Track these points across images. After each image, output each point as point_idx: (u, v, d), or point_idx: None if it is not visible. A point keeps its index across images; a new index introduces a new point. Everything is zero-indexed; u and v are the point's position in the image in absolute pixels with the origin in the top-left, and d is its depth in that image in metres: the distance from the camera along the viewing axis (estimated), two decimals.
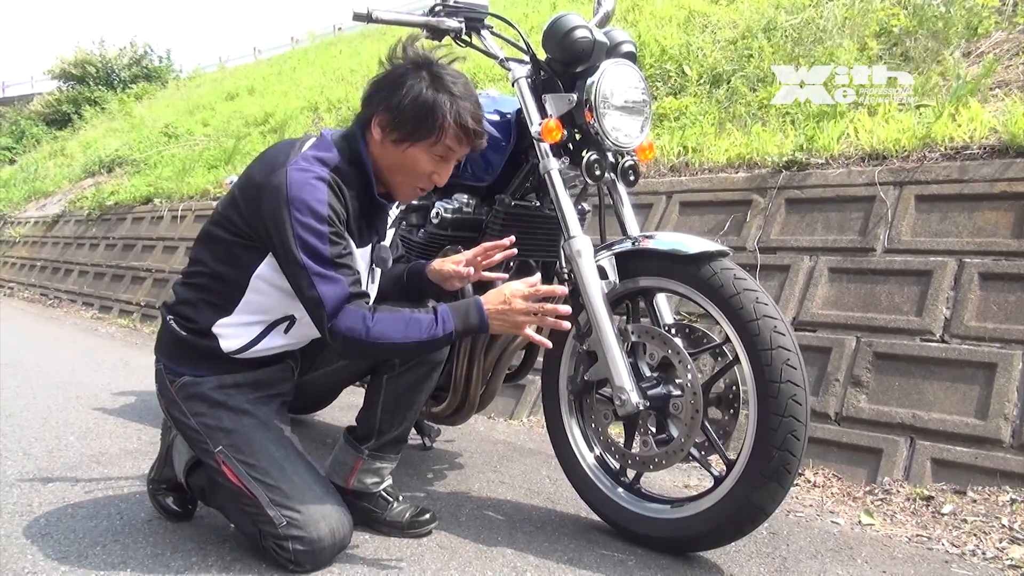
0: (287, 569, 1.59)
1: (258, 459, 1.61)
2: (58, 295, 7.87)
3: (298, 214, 1.49)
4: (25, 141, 16.93)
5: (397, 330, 1.53)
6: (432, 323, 1.54)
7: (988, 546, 1.87)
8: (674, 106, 4.14)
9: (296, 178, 1.52)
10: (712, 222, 3.22)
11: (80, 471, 2.25)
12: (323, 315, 1.52)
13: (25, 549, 1.67)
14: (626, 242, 1.81)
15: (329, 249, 1.51)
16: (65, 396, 3.30)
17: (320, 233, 1.50)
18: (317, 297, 1.51)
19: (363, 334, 1.51)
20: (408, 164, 1.62)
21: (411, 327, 1.53)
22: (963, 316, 2.39)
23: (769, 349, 1.54)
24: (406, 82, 1.57)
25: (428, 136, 1.58)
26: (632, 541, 1.80)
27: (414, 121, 1.57)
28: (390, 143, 1.60)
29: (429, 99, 1.56)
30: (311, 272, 1.50)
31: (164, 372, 1.70)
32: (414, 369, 1.80)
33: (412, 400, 1.83)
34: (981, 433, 2.19)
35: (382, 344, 1.53)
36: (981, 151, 2.71)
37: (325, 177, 1.54)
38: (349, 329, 1.51)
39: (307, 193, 1.51)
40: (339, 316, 1.51)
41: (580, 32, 1.80)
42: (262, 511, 1.57)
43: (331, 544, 1.60)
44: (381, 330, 1.52)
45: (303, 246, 1.50)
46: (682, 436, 1.68)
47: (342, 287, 1.52)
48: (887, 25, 3.84)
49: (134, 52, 17.58)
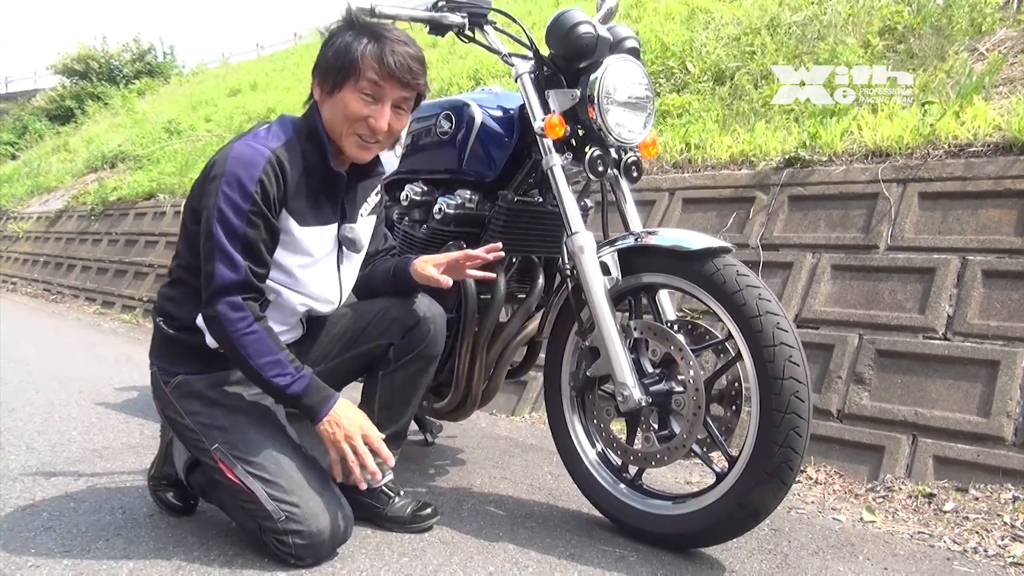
0: (288, 563, 1.59)
1: (255, 455, 1.61)
2: (61, 290, 7.88)
3: (226, 187, 1.51)
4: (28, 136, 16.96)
5: (257, 351, 1.53)
6: (289, 376, 1.55)
7: (990, 544, 1.87)
8: (677, 103, 4.14)
9: (237, 152, 1.54)
10: (715, 219, 3.22)
11: (83, 466, 2.26)
12: (209, 287, 1.52)
13: (28, 543, 1.68)
14: (629, 238, 1.80)
15: (243, 227, 1.51)
16: (68, 391, 3.31)
17: (238, 208, 1.50)
18: (211, 272, 1.52)
19: (233, 334, 1.52)
20: (340, 110, 1.61)
21: (268, 362, 1.53)
22: (966, 314, 2.39)
23: (772, 346, 1.54)
24: (331, 37, 1.61)
25: (349, 76, 1.58)
26: (634, 537, 1.80)
27: (336, 66, 1.59)
28: (326, 96, 1.62)
29: (348, 42, 1.58)
30: (216, 244, 1.51)
31: (159, 374, 1.71)
32: (410, 365, 1.81)
33: (409, 396, 1.84)
34: (983, 431, 2.19)
35: (237, 353, 1.54)
36: (985, 148, 2.70)
37: (265, 154, 1.54)
38: (228, 320, 1.52)
39: (241, 168, 1.52)
40: (225, 301, 1.52)
41: (584, 28, 1.79)
42: (261, 506, 1.57)
43: (331, 537, 1.60)
44: (247, 342, 1.52)
45: (219, 217, 1.51)
46: (684, 432, 1.68)
47: (239, 272, 1.52)
48: (891, 22, 3.83)
49: (137, 47, 17.58)
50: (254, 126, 1.66)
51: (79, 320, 6.26)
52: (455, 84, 6.21)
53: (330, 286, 1.74)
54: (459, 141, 2.03)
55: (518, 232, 1.99)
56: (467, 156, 2.02)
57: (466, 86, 5.99)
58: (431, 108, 2.17)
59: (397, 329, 1.81)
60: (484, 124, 2.00)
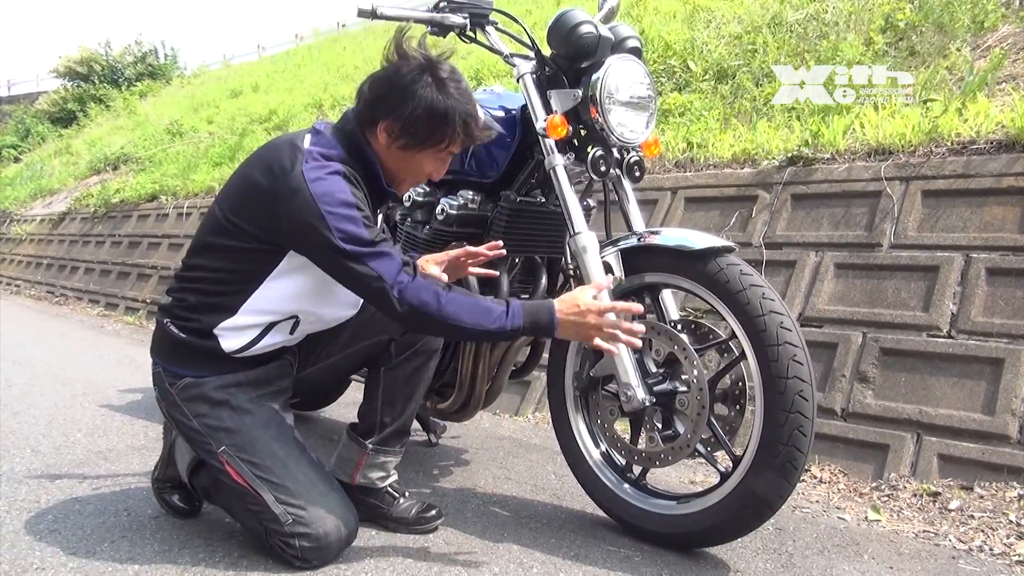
0: (294, 566, 1.59)
1: (262, 458, 1.61)
2: (64, 292, 7.89)
3: (328, 208, 1.49)
4: (31, 139, 16.99)
5: (466, 312, 1.54)
6: (502, 315, 1.55)
7: (995, 542, 1.87)
8: (678, 102, 4.13)
9: (313, 177, 1.51)
10: (717, 218, 3.21)
11: (87, 468, 2.26)
12: (384, 287, 1.51)
13: (34, 545, 1.68)
14: (631, 238, 1.80)
15: (367, 232, 1.52)
16: (72, 393, 3.32)
17: (354, 219, 1.51)
18: (373, 274, 1.51)
19: (435, 309, 1.52)
20: (414, 166, 1.65)
21: (481, 314, 1.55)
22: (970, 312, 2.38)
23: (776, 345, 1.54)
24: (415, 91, 1.56)
25: (439, 144, 1.61)
26: (638, 537, 1.80)
27: (426, 131, 1.58)
28: (397, 148, 1.61)
29: (440, 109, 1.56)
30: (360, 255, 1.51)
31: (164, 375, 1.69)
32: (411, 359, 1.82)
33: (411, 391, 1.84)
34: (988, 429, 2.18)
35: (449, 323, 1.54)
36: (988, 146, 2.69)
37: (340, 170, 1.55)
38: (422, 302, 1.52)
39: (329, 188, 1.51)
40: (408, 287, 1.52)
41: (585, 28, 1.79)
42: (267, 509, 1.58)
43: (337, 540, 1.60)
44: (453, 310, 1.53)
45: (343, 235, 1.49)
46: (688, 432, 1.68)
47: (393, 259, 1.53)
48: (893, 19, 3.82)
49: (139, 50, 17.60)
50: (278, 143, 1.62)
51: (82, 322, 6.27)
52: None
53: (354, 298, 1.74)
54: None
55: (521, 232, 1.99)
56: (469, 156, 2.02)
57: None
58: None
59: (397, 325, 1.78)
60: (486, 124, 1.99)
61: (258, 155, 1.63)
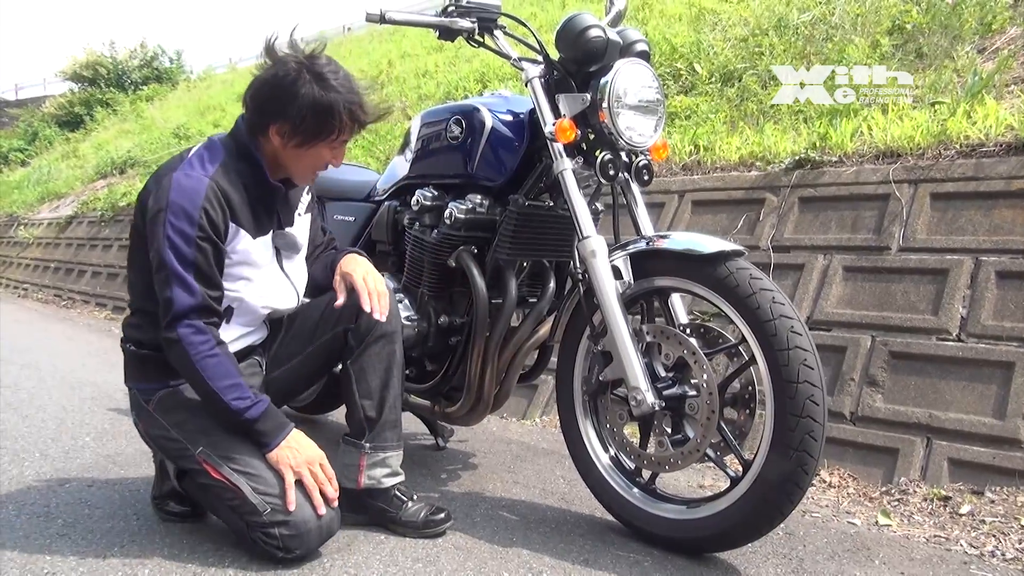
0: (276, 558, 1.61)
1: (238, 452, 1.64)
2: (72, 296, 7.92)
3: (172, 216, 1.58)
4: (38, 143, 17.06)
5: (216, 375, 1.59)
6: (247, 401, 1.61)
7: (1008, 547, 1.86)
8: (685, 104, 4.13)
9: (178, 183, 1.60)
10: (725, 221, 3.21)
11: (97, 472, 2.27)
12: (168, 314, 1.58)
13: (44, 550, 1.69)
14: (640, 242, 1.80)
15: (193, 253, 1.58)
16: (80, 397, 3.33)
17: (187, 236, 1.58)
18: (169, 298, 1.58)
19: (195, 356, 1.58)
20: (312, 160, 1.72)
21: (226, 387, 1.60)
22: (980, 315, 2.37)
23: (786, 349, 1.53)
24: (297, 91, 1.61)
25: (331, 135, 1.67)
26: (648, 542, 1.79)
27: (316, 127, 1.65)
28: (292, 147, 1.68)
29: (324, 103, 1.62)
30: (171, 271, 1.58)
31: (139, 395, 1.77)
32: (373, 345, 1.78)
33: (384, 376, 1.79)
34: (999, 433, 2.17)
35: (197, 375, 1.59)
36: (997, 148, 2.68)
37: (204, 182, 1.61)
38: (189, 343, 1.58)
39: (184, 197, 1.58)
40: (184, 325, 1.58)
41: (594, 31, 1.79)
42: (246, 501, 1.60)
43: (316, 527, 1.62)
44: (206, 365, 1.59)
45: (170, 245, 1.57)
46: (698, 436, 1.67)
47: (196, 296, 1.59)
48: (900, 21, 3.81)
49: (145, 54, 17.67)
50: (182, 152, 1.72)
51: (90, 326, 6.29)
52: (462, 88, 6.22)
53: (282, 287, 1.83)
54: (469, 146, 2.03)
55: (529, 236, 1.98)
56: (477, 161, 2.02)
57: (473, 90, 5.99)
58: (441, 113, 2.17)
59: (348, 313, 1.79)
60: (494, 129, 2.00)
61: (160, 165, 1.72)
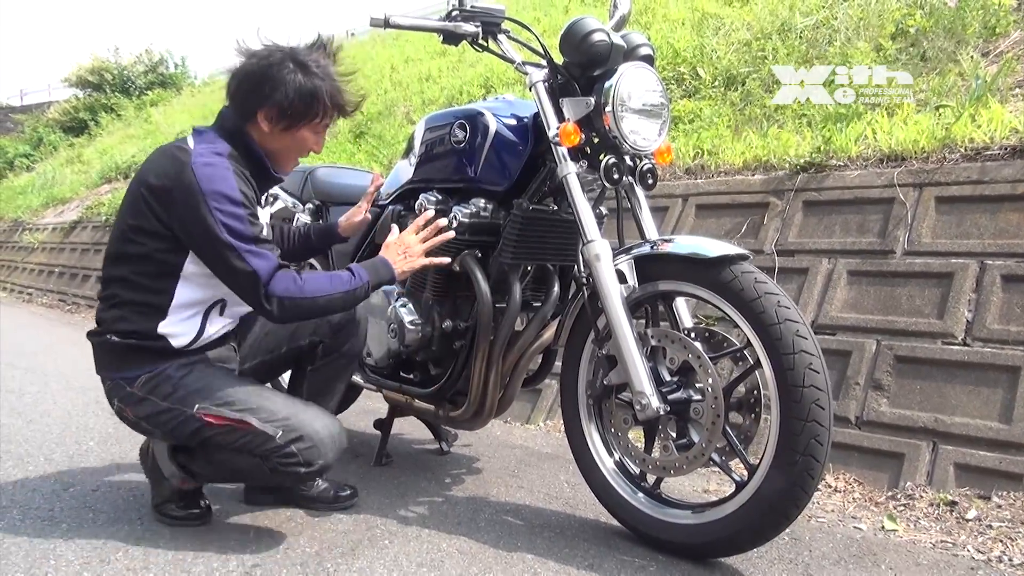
0: (299, 475, 1.69)
1: (236, 396, 1.72)
2: (76, 301, 7.94)
3: (215, 203, 1.62)
4: (42, 148, 17.13)
5: (324, 285, 1.72)
6: (351, 277, 1.76)
7: (1015, 552, 1.85)
8: (688, 108, 4.13)
9: (204, 172, 1.63)
10: (729, 225, 3.20)
11: (101, 476, 2.27)
12: (258, 285, 1.65)
13: (48, 554, 1.69)
14: (645, 246, 1.80)
15: (250, 229, 1.65)
16: (85, 401, 3.33)
17: (239, 216, 1.64)
18: (250, 270, 1.64)
19: (298, 293, 1.68)
20: (297, 144, 1.80)
21: (335, 282, 1.74)
22: (985, 319, 2.36)
23: (791, 353, 1.53)
24: (283, 77, 1.71)
25: (315, 119, 1.77)
26: (653, 547, 1.79)
27: (302, 110, 1.74)
28: (280, 130, 1.75)
29: (308, 89, 1.72)
30: (241, 251, 1.63)
31: (121, 382, 1.77)
32: (335, 361, 2.01)
33: (332, 389, 2.04)
34: (1005, 437, 2.16)
35: (315, 298, 1.70)
36: (1002, 152, 2.68)
37: (228, 166, 1.67)
38: (285, 290, 1.66)
39: (218, 183, 1.63)
40: (274, 284, 1.66)
41: (598, 35, 1.79)
42: (256, 432, 1.66)
43: (329, 437, 1.71)
44: (312, 287, 1.70)
45: (228, 229, 1.62)
46: (703, 441, 1.67)
47: (271, 259, 1.67)
48: (903, 25, 3.81)
49: (150, 59, 17.74)
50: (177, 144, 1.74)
51: None
52: (465, 92, 6.22)
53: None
54: (473, 150, 2.03)
55: (533, 240, 1.98)
56: (481, 165, 2.02)
57: (477, 94, 6.00)
58: (445, 117, 2.17)
59: (327, 328, 1.98)
60: (498, 133, 2.00)
61: (147, 165, 1.74)
